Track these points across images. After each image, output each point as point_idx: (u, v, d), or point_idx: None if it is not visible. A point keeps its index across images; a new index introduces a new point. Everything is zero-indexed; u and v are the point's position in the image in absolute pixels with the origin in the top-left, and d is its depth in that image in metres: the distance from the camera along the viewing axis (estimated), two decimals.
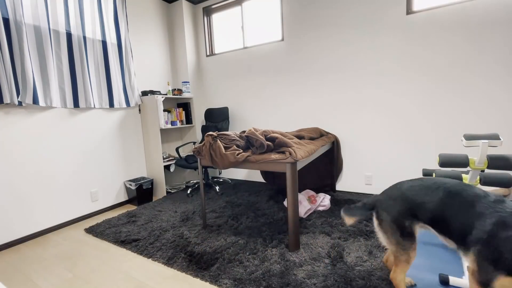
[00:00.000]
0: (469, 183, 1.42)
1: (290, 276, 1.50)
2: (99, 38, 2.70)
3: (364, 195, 2.80)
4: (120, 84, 2.91)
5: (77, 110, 2.54)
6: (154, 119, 3.05)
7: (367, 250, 1.72)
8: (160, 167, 3.12)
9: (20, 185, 2.15)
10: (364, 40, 2.64)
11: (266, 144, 1.90)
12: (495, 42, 2.13)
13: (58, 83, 2.38)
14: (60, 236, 2.26)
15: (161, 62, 3.55)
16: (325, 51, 2.86)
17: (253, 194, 3.00)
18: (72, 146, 2.49)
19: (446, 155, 1.45)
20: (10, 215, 2.09)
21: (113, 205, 2.88)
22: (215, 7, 3.57)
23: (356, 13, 2.64)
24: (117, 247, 2.00)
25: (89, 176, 2.64)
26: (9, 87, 2.02)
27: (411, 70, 2.47)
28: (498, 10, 2.10)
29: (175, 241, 1.99)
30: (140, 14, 3.23)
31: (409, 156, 2.57)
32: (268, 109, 3.34)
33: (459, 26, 2.24)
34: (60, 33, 2.38)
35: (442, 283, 1.40)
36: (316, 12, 2.84)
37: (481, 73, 2.21)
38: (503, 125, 2.18)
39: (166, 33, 3.62)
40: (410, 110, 2.52)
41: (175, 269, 1.66)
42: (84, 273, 1.69)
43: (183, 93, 3.49)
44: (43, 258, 1.90)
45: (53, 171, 2.35)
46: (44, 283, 1.60)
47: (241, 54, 3.41)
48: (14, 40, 2.05)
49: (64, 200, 2.44)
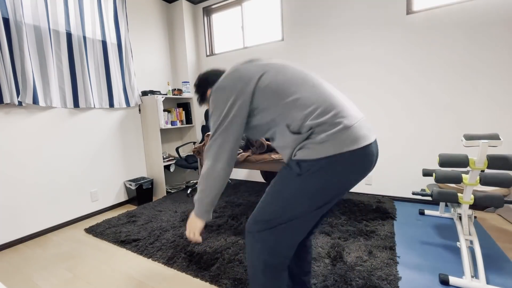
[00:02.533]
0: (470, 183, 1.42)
1: None
2: (99, 38, 2.70)
3: (364, 195, 2.80)
4: (120, 84, 2.91)
5: (77, 110, 2.54)
6: (154, 119, 3.05)
7: (367, 250, 1.72)
8: (160, 167, 3.12)
9: (20, 185, 2.15)
10: (364, 40, 2.64)
11: (266, 144, 1.90)
12: (495, 42, 2.13)
13: (58, 83, 2.38)
14: (60, 236, 2.26)
15: (161, 62, 3.55)
16: (325, 51, 2.86)
17: (253, 194, 3.00)
18: (72, 146, 2.49)
19: (446, 155, 1.45)
20: (10, 215, 2.09)
21: (113, 205, 2.88)
22: (215, 7, 3.57)
23: (356, 13, 2.64)
24: (117, 247, 2.00)
25: (89, 176, 2.64)
26: (9, 87, 2.02)
27: (411, 69, 2.47)
28: (498, 10, 2.10)
29: (175, 241, 1.98)
30: (140, 14, 3.23)
31: (409, 156, 2.57)
32: None
33: (459, 26, 2.24)
34: (60, 33, 2.38)
35: (442, 283, 1.40)
36: (316, 12, 2.84)
37: (481, 73, 2.21)
38: (503, 125, 2.18)
39: (166, 33, 3.62)
40: (410, 109, 2.52)
41: (175, 269, 1.66)
42: (84, 273, 1.69)
43: (183, 93, 3.49)
44: (43, 258, 1.90)
45: (53, 171, 2.35)
46: (44, 283, 1.60)
47: (241, 54, 3.41)
48: (14, 40, 2.05)
49: (64, 200, 2.44)
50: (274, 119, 0.89)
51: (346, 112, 0.86)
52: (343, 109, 0.86)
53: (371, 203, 2.51)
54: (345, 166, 0.84)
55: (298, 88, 0.87)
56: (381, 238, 1.88)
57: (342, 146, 0.81)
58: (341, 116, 0.84)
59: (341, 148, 0.81)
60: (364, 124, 0.89)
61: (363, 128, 0.87)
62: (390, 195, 2.72)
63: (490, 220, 2.16)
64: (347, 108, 0.88)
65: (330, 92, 0.90)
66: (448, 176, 1.45)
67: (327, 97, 0.88)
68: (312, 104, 0.85)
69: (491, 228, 2.02)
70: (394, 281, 1.42)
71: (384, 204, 2.48)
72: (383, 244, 1.78)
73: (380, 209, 2.37)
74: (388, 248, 1.74)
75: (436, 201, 1.91)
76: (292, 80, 0.89)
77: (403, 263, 1.61)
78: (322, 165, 0.83)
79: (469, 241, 1.53)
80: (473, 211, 1.59)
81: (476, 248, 1.45)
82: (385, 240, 1.84)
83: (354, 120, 0.86)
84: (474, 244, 1.48)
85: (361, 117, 0.90)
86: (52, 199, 2.35)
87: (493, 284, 1.39)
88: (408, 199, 2.63)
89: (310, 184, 0.85)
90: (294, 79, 0.89)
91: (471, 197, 1.46)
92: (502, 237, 1.87)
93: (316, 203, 0.87)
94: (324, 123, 0.83)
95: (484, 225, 2.07)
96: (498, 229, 2.00)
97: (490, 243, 1.80)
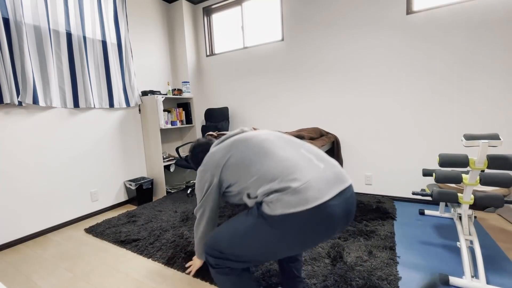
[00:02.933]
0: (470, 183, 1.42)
1: None
2: (99, 38, 2.70)
3: (364, 195, 2.80)
4: (120, 84, 2.91)
5: (77, 110, 2.54)
6: (154, 119, 3.05)
7: (367, 250, 1.72)
8: (160, 167, 3.12)
9: (20, 185, 2.15)
10: (364, 40, 2.64)
11: None
12: (495, 42, 2.13)
13: (58, 83, 2.38)
14: (60, 236, 2.26)
15: (161, 62, 3.55)
16: (325, 51, 2.86)
17: None
18: (72, 146, 2.49)
19: (446, 155, 1.45)
20: (10, 215, 2.09)
21: (113, 205, 2.88)
22: (215, 7, 3.57)
23: (356, 13, 2.64)
24: (117, 247, 2.00)
25: (89, 176, 2.64)
26: (9, 87, 2.02)
27: (411, 69, 2.47)
28: (498, 10, 2.10)
29: (175, 241, 1.98)
30: (140, 14, 3.23)
31: (409, 156, 2.57)
32: (268, 109, 3.34)
33: (459, 26, 2.24)
34: (60, 33, 2.38)
35: (442, 283, 1.40)
36: (316, 12, 2.84)
37: (481, 73, 2.21)
38: (503, 125, 2.18)
39: (166, 33, 3.62)
40: (411, 109, 2.52)
41: (175, 269, 1.66)
42: (84, 273, 1.69)
43: (183, 93, 3.49)
44: (43, 258, 1.90)
45: (53, 171, 2.35)
46: (44, 283, 1.60)
47: (241, 54, 3.41)
48: (14, 40, 2.05)
49: (64, 200, 2.44)
50: (240, 191, 1.09)
51: (297, 174, 0.97)
52: (294, 172, 0.98)
53: (371, 203, 2.51)
54: (293, 226, 0.93)
55: (257, 167, 1.04)
56: (381, 238, 1.88)
57: (289, 208, 0.92)
58: (292, 179, 0.96)
59: (288, 209, 0.92)
60: (315, 184, 0.94)
61: (311, 189, 0.93)
62: (390, 195, 2.72)
63: (490, 220, 2.16)
64: (300, 169, 0.98)
65: (287, 158, 1.03)
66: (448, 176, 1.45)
67: (283, 166, 1.00)
68: (268, 178, 1.00)
69: (491, 228, 2.02)
70: (394, 281, 1.42)
71: (384, 204, 2.48)
72: (383, 244, 1.78)
73: (380, 209, 2.37)
74: (388, 248, 1.74)
75: (436, 201, 1.91)
76: (252, 159, 1.06)
77: (403, 263, 1.61)
78: (274, 220, 0.94)
79: (469, 241, 1.52)
80: (473, 211, 1.59)
81: (476, 248, 1.45)
82: (385, 240, 1.84)
83: (302, 182, 0.94)
84: (474, 244, 1.48)
85: (311, 178, 0.96)
86: (52, 199, 2.35)
87: (493, 284, 1.39)
88: (408, 199, 2.63)
89: (264, 232, 0.98)
90: (254, 158, 1.06)
91: (471, 197, 1.46)
92: (502, 237, 1.87)
93: (266, 249, 0.99)
94: (276, 191, 0.96)
95: (484, 225, 2.07)
96: (498, 229, 2.00)
97: (490, 243, 1.80)
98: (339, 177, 1.00)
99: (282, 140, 1.14)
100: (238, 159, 1.10)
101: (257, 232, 0.99)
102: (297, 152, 1.07)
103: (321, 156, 1.07)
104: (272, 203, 0.95)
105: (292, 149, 1.08)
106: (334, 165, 1.05)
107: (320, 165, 1.02)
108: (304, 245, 0.96)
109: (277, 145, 1.09)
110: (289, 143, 1.12)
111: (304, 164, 1.01)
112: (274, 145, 1.09)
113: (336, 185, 0.96)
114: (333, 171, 1.01)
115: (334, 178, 0.98)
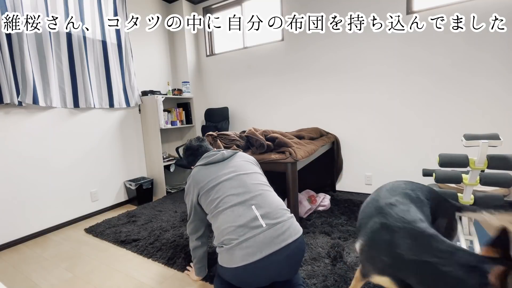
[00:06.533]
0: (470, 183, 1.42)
1: None
2: (99, 38, 2.70)
3: (364, 195, 2.80)
4: (120, 84, 2.91)
5: (77, 110, 2.54)
6: (154, 119, 3.05)
7: None
8: (160, 167, 3.12)
9: (20, 185, 2.15)
10: (364, 40, 2.64)
11: (266, 144, 1.90)
12: (495, 42, 2.13)
13: (58, 83, 2.38)
14: (60, 236, 2.26)
15: (161, 62, 3.55)
16: (325, 51, 2.86)
17: None
18: (72, 146, 2.49)
19: (446, 155, 1.45)
20: (10, 215, 2.09)
21: (113, 205, 2.88)
22: (215, 7, 3.57)
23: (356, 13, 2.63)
24: (117, 247, 2.00)
25: (89, 176, 2.64)
26: (9, 87, 2.01)
27: (411, 69, 2.47)
28: (498, 10, 2.10)
29: (175, 241, 1.98)
30: (140, 14, 3.23)
31: (409, 156, 2.57)
32: (268, 109, 3.34)
33: (459, 26, 2.23)
34: (60, 33, 2.38)
35: None
36: (316, 12, 2.84)
37: (481, 73, 2.21)
38: (503, 125, 2.18)
39: (166, 33, 3.62)
40: (411, 109, 2.52)
41: (175, 269, 1.66)
42: (84, 273, 1.69)
43: (183, 93, 3.49)
44: (43, 258, 1.90)
45: (53, 171, 2.35)
46: (44, 283, 1.60)
47: (241, 54, 3.41)
48: (14, 40, 2.05)
49: (64, 200, 2.44)
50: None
51: (234, 234, 1.13)
52: (235, 230, 1.14)
53: None
54: (228, 277, 1.17)
55: (217, 217, 1.23)
56: None
57: (222, 262, 1.16)
58: (230, 239, 1.13)
59: (221, 263, 1.17)
60: (246, 244, 1.10)
61: (242, 249, 1.10)
62: None
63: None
64: (242, 228, 1.14)
65: (237, 214, 1.18)
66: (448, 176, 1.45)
67: (231, 221, 1.17)
68: (220, 228, 1.20)
69: (491, 228, 2.02)
70: None
71: None
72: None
73: None
74: None
75: None
76: (212, 209, 1.26)
77: None
78: (220, 270, 1.20)
79: (469, 241, 1.52)
80: None
81: (476, 248, 1.45)
82: None
83: (235, 242, 1.11)
84: (474, 244, 1.48)
85: (245, 239, 1.11)
86: (52, 199, 2.35)
87: None
88: None
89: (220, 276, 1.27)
90: (214, 209, 1.25)
91: (471, 197, 1.46)
92: None
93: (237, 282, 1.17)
94: (222, 243, 1.17)
95: (484, 225, 2.06)
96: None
97: None
98: (280, 236, 1.10)
99: (241, 191, 1.26)
100: (204, 200, 1.32)
101: (219, 269, 1.22)
102: (248, 209, 1.19)
103: (269, 213, 1.18)
104: (219, 253, 1.19)
105: (243, 205, 1.21)
106: (280, 221, 1.15)
107: (263, 224, 1.13)
108: (250, 285, 1.15)
109: (234, 201, 1.23)
110: (246, 194, 1.24)
111: (247, 223, 1.14)
112: (231, 201, 1.23)
113: (272, 245, 1.08)
114: (275, 229, 1.13)
115: (273, 238, 1.10)
